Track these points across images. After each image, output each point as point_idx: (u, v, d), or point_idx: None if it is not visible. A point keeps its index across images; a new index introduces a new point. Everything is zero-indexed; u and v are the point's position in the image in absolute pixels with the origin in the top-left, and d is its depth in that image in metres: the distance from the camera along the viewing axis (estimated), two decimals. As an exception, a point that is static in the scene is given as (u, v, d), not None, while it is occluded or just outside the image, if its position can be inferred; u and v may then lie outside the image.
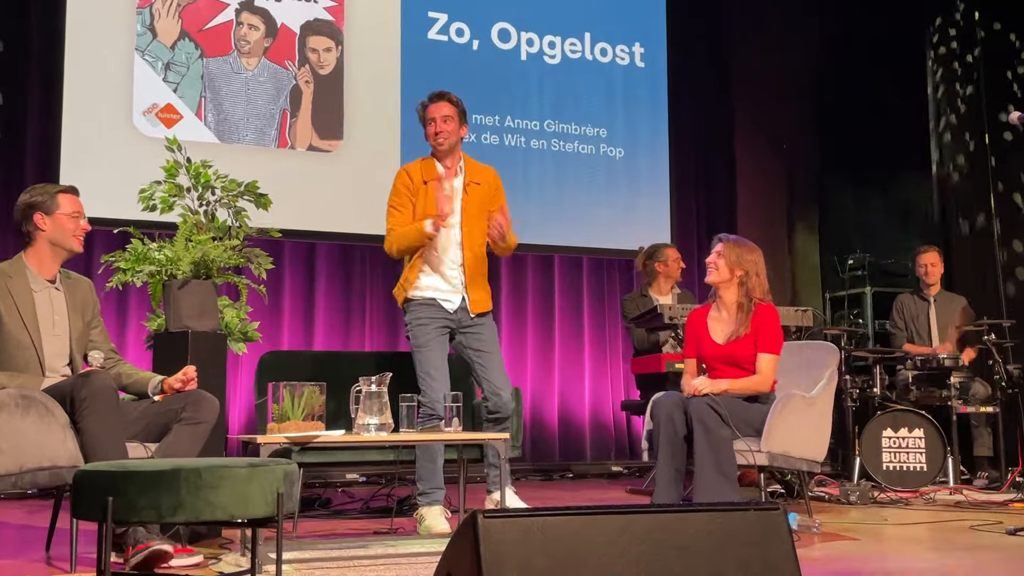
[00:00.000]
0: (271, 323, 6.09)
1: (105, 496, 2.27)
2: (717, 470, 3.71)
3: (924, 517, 4.31)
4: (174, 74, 5.99)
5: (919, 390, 5.65)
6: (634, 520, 1.61)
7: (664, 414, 3.85)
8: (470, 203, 4.06)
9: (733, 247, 4.05)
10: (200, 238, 3.92)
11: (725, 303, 4.10)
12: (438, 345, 4.04)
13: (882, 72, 7.57)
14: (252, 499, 2.36)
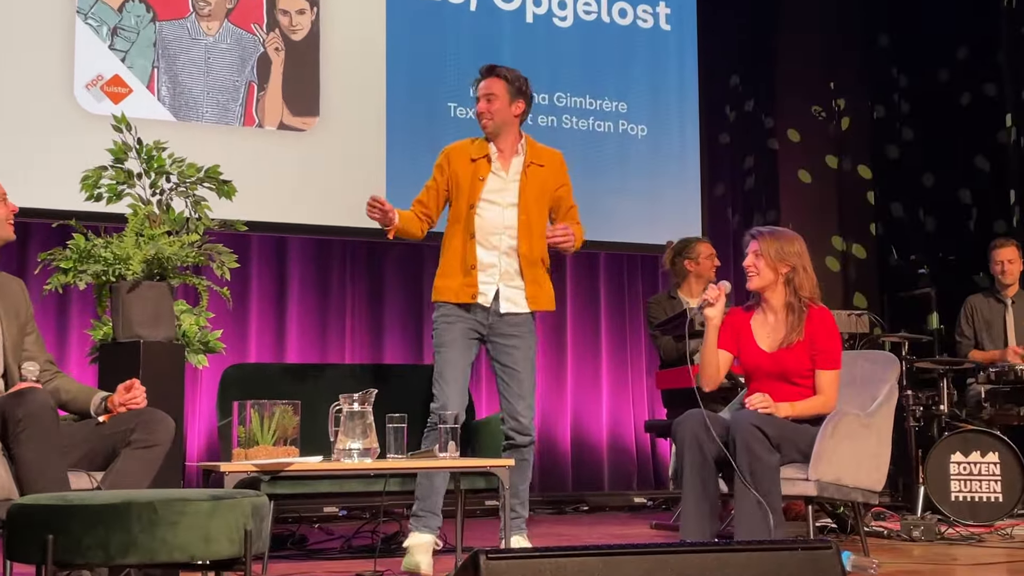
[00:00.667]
0: (236, 332, 6.10)
1: (44, 534, 2.27)
2: (761, 502, 3.71)
3: (1000, 556, 4.30)
4: (122, 40, 6.00)
5: (994, 407, 5.63)
6: (663, 561, 1.61)
7: (689, 436, 3.83)
8: (528, 185, 4.11)
9: (771, 241, 4.01)
10: (153, 233, 3.93)
11: (772, 306, 4.07)
12: (461, 347, 4.07)
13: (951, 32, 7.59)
14: (215, 538, 2.37)
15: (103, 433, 3.31)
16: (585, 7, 7.07)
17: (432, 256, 6.67)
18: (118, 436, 3.27)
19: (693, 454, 3.82)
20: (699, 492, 3.80)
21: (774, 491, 3.74)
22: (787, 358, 3.98)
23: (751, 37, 7.82)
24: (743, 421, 3.77)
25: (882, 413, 4.17)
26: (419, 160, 6.47)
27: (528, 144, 4.19)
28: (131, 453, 3.24)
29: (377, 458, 3.27)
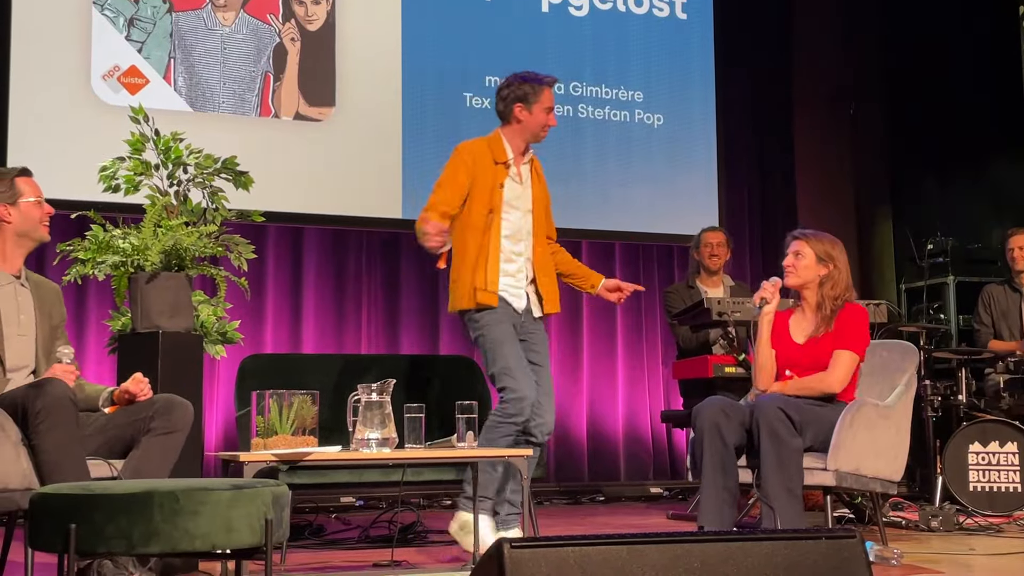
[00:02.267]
0: (253, 322, 6.11)
1: (67, 523, 2.28)
2: (786, 488, 3.72)
3: (1019, 546, 4.28)
4: (139, 31, 6.01)
5: (1012, 397, 5.62)
6: (687, 550, 1.61)
7: (708, 423, 3.86)
8: (536, 191, 4.18)
9: (815, 243, 4.13)
10: (171, 223, 3.94)
11: (808, 303, 4.16)
12: (514, 342, 4.01)
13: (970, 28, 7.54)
14: (236, 527, 2.36)
15: (122, 421, 3.32)
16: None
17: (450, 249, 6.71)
18: (138, 424, 3.28)
19: (713, 441, 3.83)
20: (719, 480, 3.82)
21: (798, 476, 3.76)
22: (815, 348, 4.06)
23: (770, 25, 7.77)
24: (768, 405, 3.79)
25: (901, 403, 4.17)
26: (435, 150, 6.47)
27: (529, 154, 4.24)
28: (151, 440, 3.24)
29: (396, 448, 3.28)
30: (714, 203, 7.17)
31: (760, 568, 1.61)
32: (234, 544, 2.38)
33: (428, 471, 4.27)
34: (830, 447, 3.87)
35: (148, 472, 3.16)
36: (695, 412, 3.98)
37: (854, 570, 1.62)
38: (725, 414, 3.85)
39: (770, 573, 1.61)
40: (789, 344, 4.12)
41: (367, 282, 6.56)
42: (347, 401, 3.33)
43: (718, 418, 3.84)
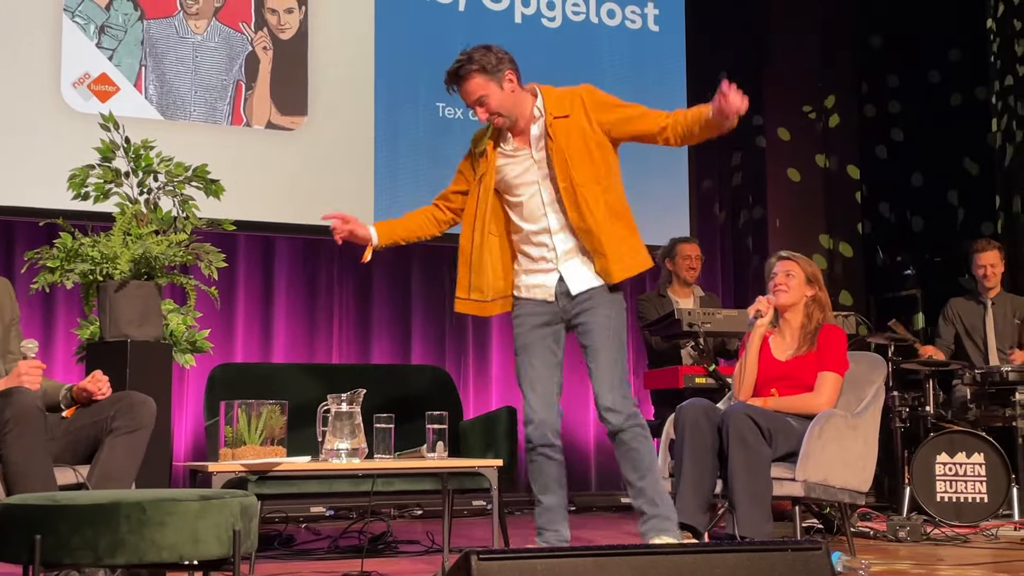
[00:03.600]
0: (223, 331, 6.08)
1: (32, 534, 2.26)
2: (754, 498, 3.73)
3: (986, 556, 4.31)
4: (109, 39, 5.98)
5: (979, 408, 5.64)
6: (655, 562, 1.61)
7: (690, 423, 3.87)
8: (558, 148, 3.52)
9: (806, 264, 4.26)
10: (141, 232, 3.92)
11: (790, 323, 4.24)
12: (537, 349, 3.63)
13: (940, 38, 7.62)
14: (204, 538, 2.35)
15: (83, 423, 3.29)
16: (574, 8, 7.07)
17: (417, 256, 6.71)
18: (100, 423, 3.24)
19: (694, 441, 3.85)
20: (695, 481, 3.83)
21: (765, 484, 3.78)
22: (798, 367, 4.13)
23: (741, 36, 7.82)
24: (737, 413, 3.82)
25: (869, 414, 4.20)
26: (407, 160, 6.49)
27: (545, 98, 3.62)
28: (115, 440, 3.20)
29: (365, 458, 3.27)
30: (685, 213, 7.20)
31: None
32: (201, 555, 2.37)
33: (399, 481, 4.26)
34: (799, 457, 3.89)
35: (116, 473, 3.14)
36: (679, 411, 4.01)
37: (819, 581, 1.63)
38: (707, 416, 3.88)
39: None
40: (771, 361, 4.19)
41: (339, 292, 6.54)
42: (316, 411, 3.32)
43: (700, 418, 3.87)
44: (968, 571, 3.99)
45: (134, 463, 3.23)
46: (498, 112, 3.53)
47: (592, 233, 3.50)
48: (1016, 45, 7.19)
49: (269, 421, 3.18)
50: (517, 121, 3.56)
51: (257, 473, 3.20)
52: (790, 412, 4.03)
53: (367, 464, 3.27)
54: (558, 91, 3.65)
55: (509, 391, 6.85)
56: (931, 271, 7.01)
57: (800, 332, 4.19)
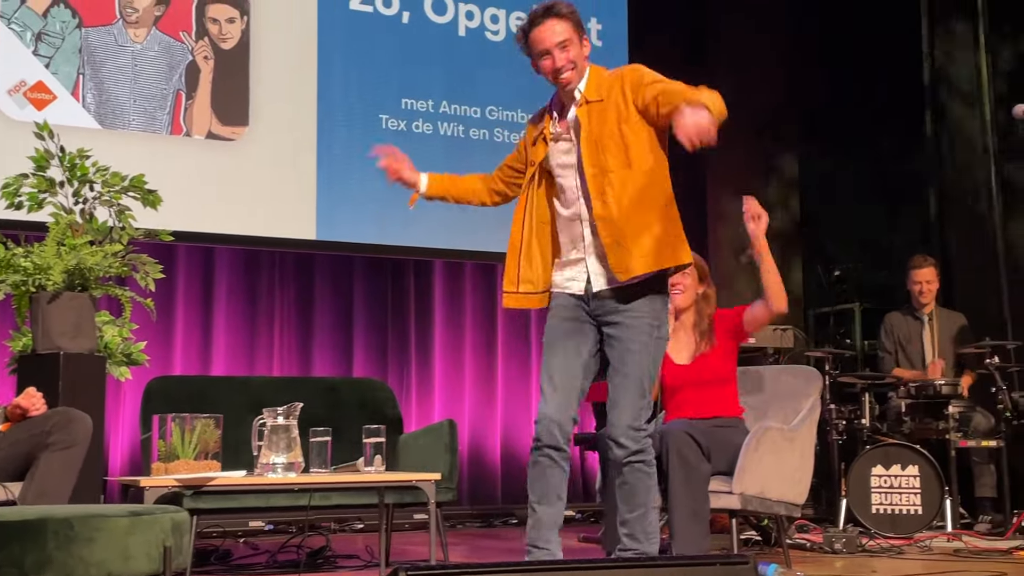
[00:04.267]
0: (161, 343, 6.00)
1: (-45, 552, 2.21)
2: (693, 515, 3.74)
3: (918, 568, 4.35)
4: (46, 46, 5.89)
5: (913, 421, 5.72)
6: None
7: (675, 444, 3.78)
8: (587, 133, 3.28)
9: (697, 259, 4.08)
10: (75, 242, 3.86)
11: (684, 324, 4.21)
12: (561, 345, 3.32)
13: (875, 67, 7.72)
14: (134, 555, 2.33)
15: (15, 439, 3.22)
16: (518, 21, 7.07)
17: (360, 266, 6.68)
18: (35, 439, 3.18)
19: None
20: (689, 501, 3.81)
21: (704, 499, 3.78)
22: (703, 366, 4.12)
23: (684, 56, 7.87)
24: (676, 431, 3.80)
25: (805, 427, 4.23)
26: (349, 172, 6.45)
27: (588, 81, 3.36)
28: (50, 456, 3.14)
29: (302, 472, 3.24)
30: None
31: (655, 594, 1.63)
32: (131, 572, 2.34)
33: (336, 495, 4.22)
34: (735, 471, 3.91)
35: (50, 489, 3.08)
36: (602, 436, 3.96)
37: (746, 597, 1.64)
38: None
39: (665, 599, 1.62)
40: (673, 368, 4.13)
41: (280, 303, 6.48)
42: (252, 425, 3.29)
43: None
44: None
45: (69, 480, 3.17)
46: (574, 63, 3.28)
47: (614, 222, 3.22)
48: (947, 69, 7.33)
49: (203, 435, 3.14)
50: (572, 92, 3.33)
51: (191, 488, 3.15)
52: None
53: (303, 479, 3.24)
54: (605, 73, 3.39)
55: (453, 403, 6.83)
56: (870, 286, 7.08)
57: (695, 331, 4.15)
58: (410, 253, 6.69)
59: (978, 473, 5.82)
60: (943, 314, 6.23)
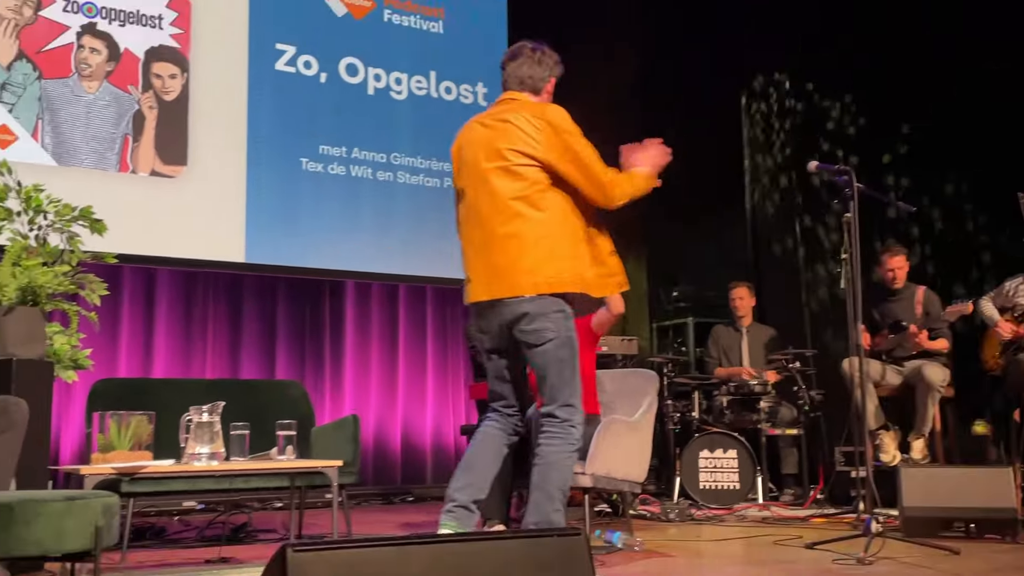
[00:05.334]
0: (109, 350, 5.81)
1: (-95, 534, 2.10)
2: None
3: (735, 533, 4.45)
4: (9, 94, 5.67)
5: (733, 414, 5.86)
6: (445, 549, 1.60)
7: None
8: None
9: None
10: (29, 263, 3.70)
11: None
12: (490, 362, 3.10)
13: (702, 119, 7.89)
14: (68, 533, 2.24)
15: None
16: (417, 84, 7.08)
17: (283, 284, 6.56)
18: None
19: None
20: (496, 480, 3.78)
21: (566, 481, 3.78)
22: None
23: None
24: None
25: (645, 419, 4.28)
26: (274, 204, 6.35)
27: None
28: None
29: (223, 460, 3.16)
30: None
31: (505, 563, 1.62)
32: (65, 549, 2.25)
33: (256, 479, 4.12)
34: (588, 456, 3.94)
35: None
36: None
37: (578, 562, 1.65)
38: None
39: (513, 566, 1.62)
40: None
41: (212, 316, 6.33)
42: (180, 421, 3.20)
43: None
44: (722, 545, 4.12)
45: (11, 460, 3.01)
46: None
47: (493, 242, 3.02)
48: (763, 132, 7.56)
49: (137, 429, 3.04)
50: None
51: (126, 475, 3.05)
52: None
53: (224, 466, 3.16)
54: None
55: (360, 401, 6.76)
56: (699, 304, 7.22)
57: None
58: (326, 275, 6.60)
59: (783, 455, 5.99)
60: (757, 327, 6.39)
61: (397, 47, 7.02)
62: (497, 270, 2.86)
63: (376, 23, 6.96)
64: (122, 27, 6.04)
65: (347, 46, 6.82)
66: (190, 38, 6.23)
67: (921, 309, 5.46)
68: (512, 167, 2.87)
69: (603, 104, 7.89)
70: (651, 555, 3.78)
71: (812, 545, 3.84)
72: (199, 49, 6.26)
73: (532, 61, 3.09)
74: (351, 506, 5.21)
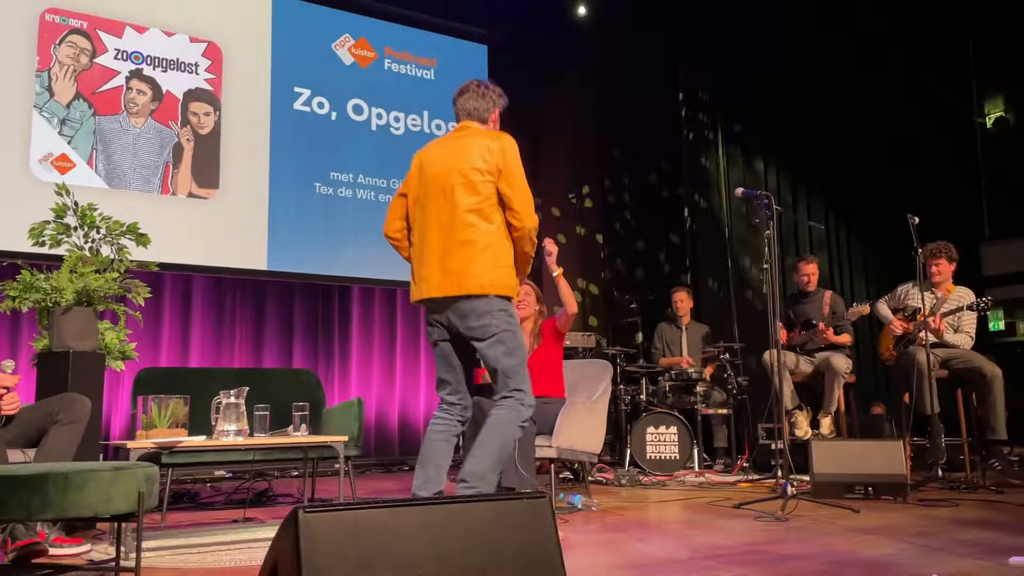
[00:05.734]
0: (151, 344, 5.75)
1: (-23, 498, 2.07)
2: (521, 462, 3.73)
3: (675, 496, 4.48)
4: (69, 128, 5.61)
5: (674, 396, 5.88)
6: (431, 510, 1.60)
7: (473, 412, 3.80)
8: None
9: (535, 288, 4.21)
10: (84, 270, 3.67)
11: (525, 328, 4.20)
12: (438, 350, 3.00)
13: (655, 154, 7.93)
14: (115, 498, 2.21)
15: (31, 417, 3.04)
16: (412, 122, 7.07)
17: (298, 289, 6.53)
18: (47, 418, 3.01)
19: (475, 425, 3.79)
20: None
21: (531, 452, 3.79)
22: (538, 358, 4.12)
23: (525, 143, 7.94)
24: None
25: (601, 401, 4.28)
26: (293, 221, 6.31)
27: None
28: (59, 429, 2.97)
29: (247, 436, 3.14)
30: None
31: (481, 521, 1.62)
32: (112, 511, 2.22)
33: (276, 452, 4.10)
34: (553, 432, 3.94)
35: (58, 453, 2.91)
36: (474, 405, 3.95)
37: (543, 520, 1.65)
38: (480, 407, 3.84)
39: (488, 524, 1.62)
40: None
41: (240, 315, 6.28)
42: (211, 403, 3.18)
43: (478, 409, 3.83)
44: (664, 505, 4.13)
45: (73, 446, 3.00)
46: None
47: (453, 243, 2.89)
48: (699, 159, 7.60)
49: (175, 410, 3.01)
50: None
51: (165, 448, 3.02)
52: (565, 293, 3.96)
53: (248, 441, 3.13)
54: None
55: (364, 386, 6.73)
56: (647, 305, 7.26)
57: (531, 336, 4.16)
58: (336, 281, 6.58)
59: (715, 431, 6.02)
60: (695, 324, 6.42)
61: (396, 91, 7.01)
62: (450, 272, 2.79)
63: (378, 71, 6.95)
64: (164, 72, 5.99)
65: (354, 89, 6.80)
66: (222, 82, 6.20)
67: (828, 309, 5.51)
68: (471, 182, 2.82)
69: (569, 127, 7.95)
70: (606, 514, 3.79)
71: (739, 505, 3.86)
72: (229, 91, 6.22)
73: (477, 95, 3.01)
74: (356, 474, 5.19)
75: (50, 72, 5.58)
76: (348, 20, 6.85)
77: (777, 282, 3.95)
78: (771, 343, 4.17)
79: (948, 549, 2.71)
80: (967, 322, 4.86)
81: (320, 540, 1.45)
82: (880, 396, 6.66)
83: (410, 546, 1.54)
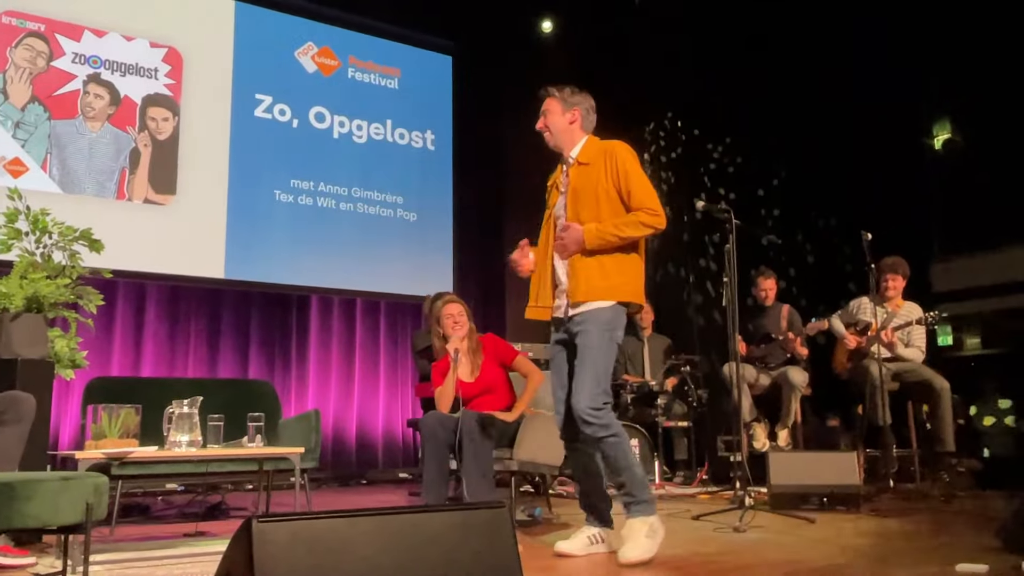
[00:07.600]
0: (102, 353, 5.63)
1: (-84, 509, 2.00)
2: (480, 474, 3.72)
3: (635, 508, 4.46)
4: (23, 132, 5.50)
5: (636, 409, 5.91)
6: (388, 520, 1.59)
7: (428, 429, 3.78)
8: (571, 188, 2.98)
9: (464, 306, 4.07)
10: (34, 276, 3.59)
11: (462, 350, 4.08)
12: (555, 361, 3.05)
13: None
14: (62, 509, 2.16)
15: None
16: (375, 130, 7.06)
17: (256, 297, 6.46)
18: None
19: (432, 441, 3.78)
20: (435, 468, 3.77)
21: (489, 465, 3.77)
22: (484, 377, 4.05)
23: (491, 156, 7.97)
24: (468, 416, 3.78)
25: (560, 413, 4.28)
26: (251, 230, 6.25)
27: (585, 145, 3.03)
28: (3, 431, 2.88)
29: (199, 448, 3.08)
30: (450, 274, 7.27)
31: (440, 531, 1.62)
32: (60, 522, 2.17)
33: (231, 463, 4.03)
34: (515, 444, 3.93)
35: (3, 455, 2.82)
36: (420, 422, 3.92)
37: (502, 530, 1.65)
38: (440, 423, 3.81)
39: (446, 533, 1.62)
40: (464, 385, 4.02)
41: (195, 324, 6.19)
42: (164, 413, 3.12)
43: (435, 426, 3.80)
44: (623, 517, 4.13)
45: (19, 447, 2.91)
46: (547, 128, 3.06)
47: (571, 262, 2.95)
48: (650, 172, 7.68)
49: (126, 420, 2.95)
50: (562, 152, 3.06)
51: (115, 459, 2.96)
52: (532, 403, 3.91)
53: (201, 452, 3.08)
54: (599, 143, 3.03)
55: (321, 398, 6.66)
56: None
57: (471, 355, 4.07)
58: (293, 290, 6.52)
59: (675, 443, 6.06)
60: (656, 337, 6.47)
61: (359, 99, 6.99)
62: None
63: (341, 79, 6.93)
64: (123, 77, 5.91)
65: (316, 97, 6.77)
66: (181, 87, 6.13)
67: (785, 324, 5.60)
68: None
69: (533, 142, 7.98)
70: (566, 526, 3.79)
71: (698, 516, 3.89)
72: (189, 96, 6.15)
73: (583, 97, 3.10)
74: (312, 488, 5.13)
75: (5, 75, 5.46)
76: (312, 28, 6.82)
77: (736, 295, 4.00)
78: (731, 356, 4.22)
79: (898, 558, 2.76)
80: (917, 336, 4.98)
81: (274, 550, 1.43)
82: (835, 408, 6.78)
83: (367, 556, 1.53)
